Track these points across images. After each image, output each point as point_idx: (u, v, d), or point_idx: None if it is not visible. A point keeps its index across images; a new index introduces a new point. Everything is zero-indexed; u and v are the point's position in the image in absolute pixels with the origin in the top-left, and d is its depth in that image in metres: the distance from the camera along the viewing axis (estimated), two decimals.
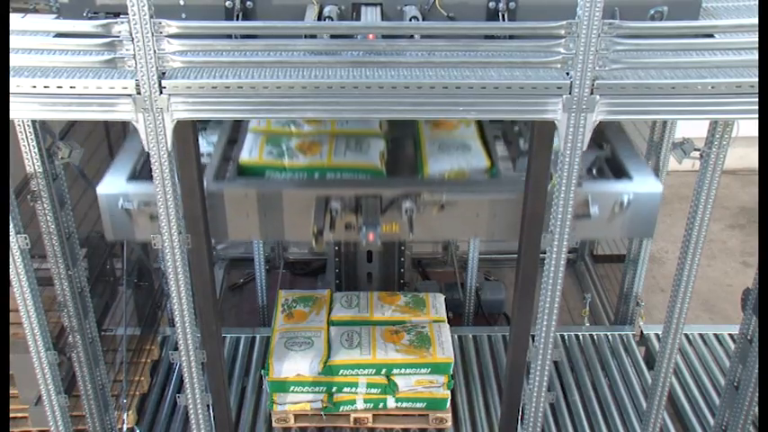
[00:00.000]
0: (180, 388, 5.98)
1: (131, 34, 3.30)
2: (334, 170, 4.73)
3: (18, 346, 4.74)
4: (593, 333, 6.80)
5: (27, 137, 4.01)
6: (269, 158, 4.69)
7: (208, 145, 4.96)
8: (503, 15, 3.83)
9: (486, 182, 4.70)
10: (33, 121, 3.99)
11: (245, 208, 4.47)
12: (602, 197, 4.42)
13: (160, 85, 3.42)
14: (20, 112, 3.49)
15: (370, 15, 3.82)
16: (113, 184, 4.42)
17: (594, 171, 4.90)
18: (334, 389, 5.62)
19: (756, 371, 4.42)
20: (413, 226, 4.40)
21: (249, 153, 4.71)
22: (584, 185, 4.34)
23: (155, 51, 3.35)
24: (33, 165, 4.10)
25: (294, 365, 5.53)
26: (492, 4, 3.84)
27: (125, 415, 5.47)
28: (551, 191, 3.96)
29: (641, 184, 4.50)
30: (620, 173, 4.71)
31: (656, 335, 6.53)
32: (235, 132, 5.08)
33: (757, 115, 3.49)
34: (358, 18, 3.85)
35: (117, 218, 4.38)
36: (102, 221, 4.43)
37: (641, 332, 6.75)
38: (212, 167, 4.63)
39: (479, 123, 5.15)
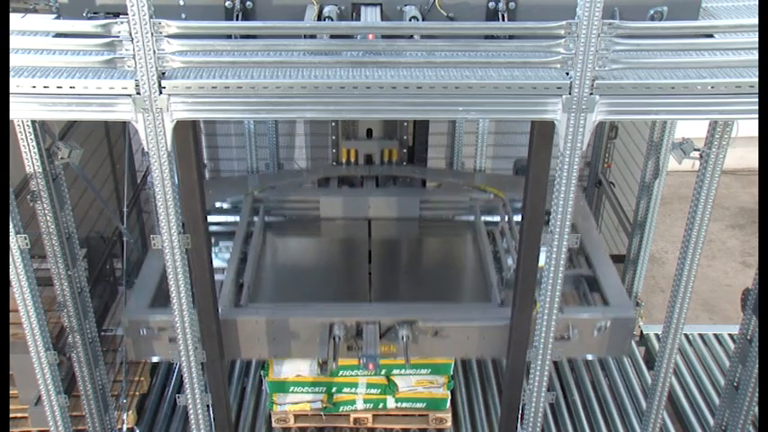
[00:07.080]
0: (180, 388, 5.98)
1: (131, 34, 3.30)
2: None
3: (18, 346, 4.75)
4: None
5: (27, 137, 4.01)
6: None
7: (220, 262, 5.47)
8: (503, 15, 3.83)
9: (476, 309, 5.07)
10: (33, 122, 3.99)
11: (256, 333, 4.85)
12: (581, 323, 4.82)
13: (160, 85, 3.42)
14: (20, 112, 3.49)
15: (370, 15, 3.82)
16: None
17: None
18: (333, 389, 5.62)
19: (756, 371, 4.42)
20: (408, 350, 4.74)
21: None
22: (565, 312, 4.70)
23: (154, 51, 3.35)
24: (33, 165, 4.10)
25: (294, 366, 5.53)
26: (492, 4, 3.84)
27: (125, 415, 5.47)
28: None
29: (617, 311, 4.92)
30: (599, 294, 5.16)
31: (656, 335, 6.53)
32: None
33: (757, 115, 3.49)
34: (358, 18, 3.85)
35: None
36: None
37: (641, 332, 6.75)
38: (226, 294, 4.97)
39: None
